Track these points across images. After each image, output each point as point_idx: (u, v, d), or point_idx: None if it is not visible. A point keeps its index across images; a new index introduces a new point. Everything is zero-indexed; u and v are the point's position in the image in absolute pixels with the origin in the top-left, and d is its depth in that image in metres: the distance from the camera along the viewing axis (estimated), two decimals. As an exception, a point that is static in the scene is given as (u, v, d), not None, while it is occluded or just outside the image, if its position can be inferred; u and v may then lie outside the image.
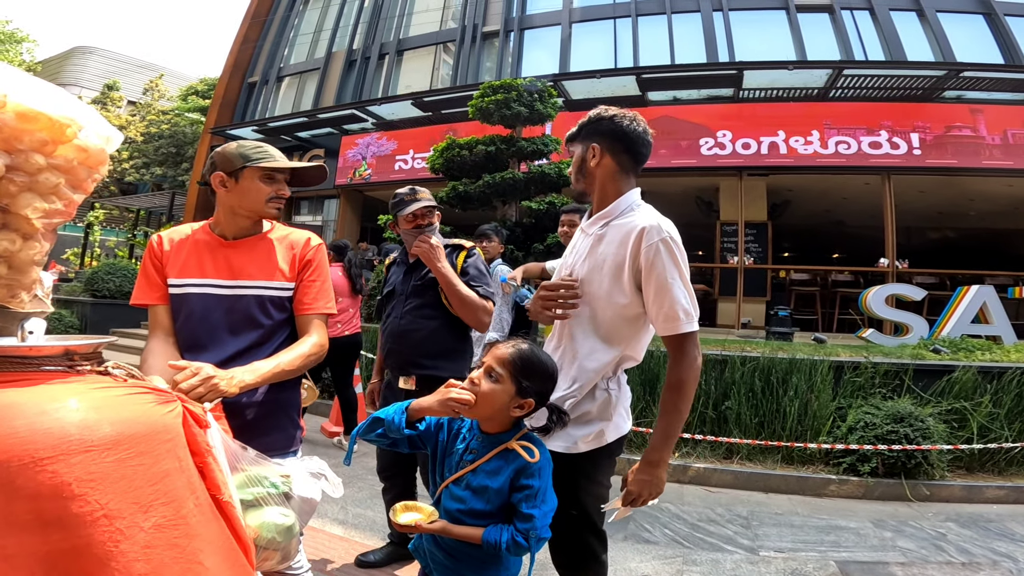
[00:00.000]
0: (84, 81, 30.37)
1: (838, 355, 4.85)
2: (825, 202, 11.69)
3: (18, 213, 0.93)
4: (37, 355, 0.84)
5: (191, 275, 1.54)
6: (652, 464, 1.41)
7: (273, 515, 1.19)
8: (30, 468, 0.74)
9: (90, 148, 1.04)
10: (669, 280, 1.39)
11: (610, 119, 1.54)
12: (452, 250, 2.39)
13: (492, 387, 1.25)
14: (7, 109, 0.89)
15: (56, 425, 0.77)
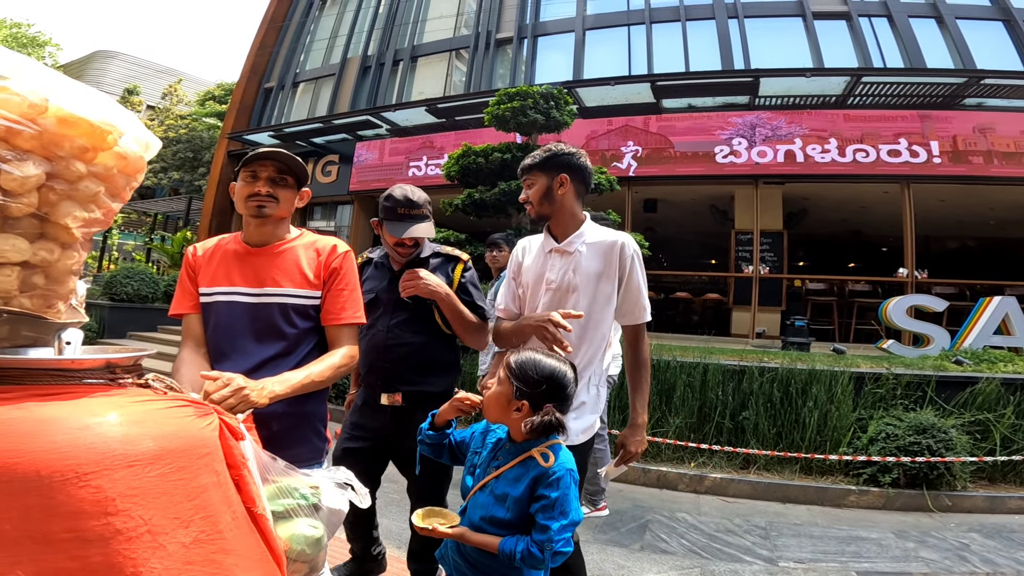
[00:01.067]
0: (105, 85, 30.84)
1: (858, 366, 4.80)
2: (843, 211, 11.57)
3: (57, 222, 0.92)
4: (79, 368, 0.84)
5: (219, 283, 1.54)
6: (640, 426, 1.79)
7: (303, 527, 1.18)
8: (72, 484, 0.74)
9: (129, 155, 1.03)
10: (638, 282, 1.80)
11: (571, 155, 1.83)
12: (445, 260, 2.19)
13: (497, 390, 1.33)
14: (48, 113, 0.88)
15: (99, 440, 0.76)
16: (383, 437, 2.08)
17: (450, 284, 2.11)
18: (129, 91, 27.62)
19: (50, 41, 24.39)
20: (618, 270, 1.77)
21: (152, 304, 10.54)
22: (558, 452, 1.28)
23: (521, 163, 1.90)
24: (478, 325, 2.11)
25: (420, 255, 2.15)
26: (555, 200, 1.81)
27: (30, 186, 0.86)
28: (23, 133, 0.84)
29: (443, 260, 2.18)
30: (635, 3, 12.10)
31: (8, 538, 0.70)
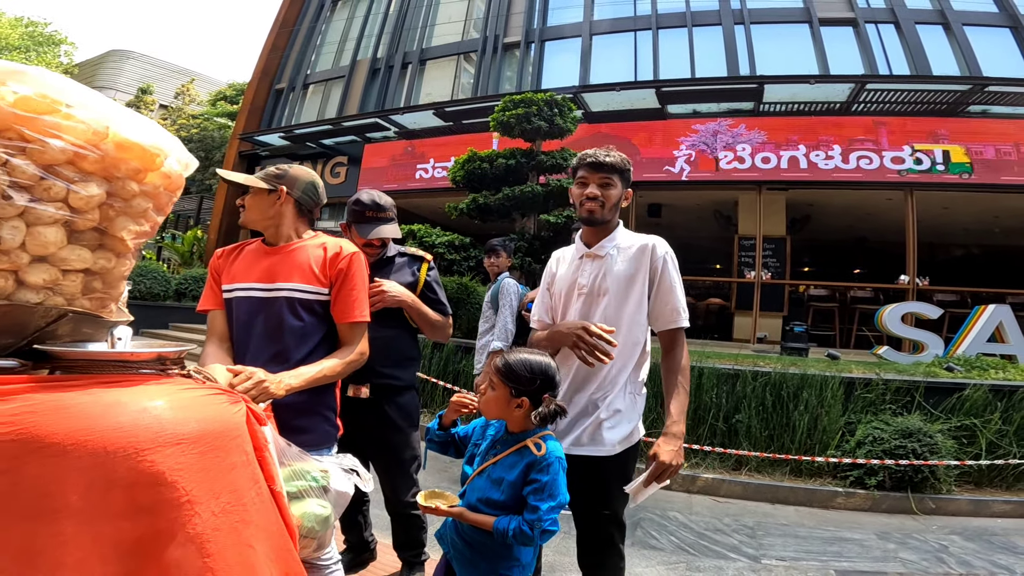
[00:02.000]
0: (120, 84, 30.86)
1: (850, 371, 4.90)
2: (846, 217, 11.63)
3: (114, 235, 1.07)
4: (136, 360, 0.99)
5: (238, 280, 1.67)
6: (677, 436, 1.59)
7: (313, 506, 1.32)
8: (132, 458, 0.87)
9: (172, 174, 1.17)
10: (673, 284, 1.71)
11: (630, 169, 1.82)
12: (411, 260, 2.32)
13: (491, 394, 1.45)
14: (108, 139, 1.01)
15: (155, 421, 0.91)
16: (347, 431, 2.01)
17: (416, 281, 2.25)
18: (143, 90, 27.63)
19: (66, 40, 24.23)
20: (649, 272, 1.71)
21: (164, 302, 10.75)
22: (548, 442, 1.43)
23: (601, 157, 1.75)
24: (442, 322, 2.28)
25: (386, 255, 2.29)
26: (618, 210, 1.81)
27: (94, 204, 1.01)
28: (88, 157, 0.98)
29: (409, 259, 2.33)
30: (642, 9, 12.22)
31: (75, 508, 0.82)
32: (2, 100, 0.91)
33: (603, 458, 1.62)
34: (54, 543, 0.80)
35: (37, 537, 0.80)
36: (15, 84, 0.93)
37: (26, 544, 0.79)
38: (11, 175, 0.90)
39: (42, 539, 0.80)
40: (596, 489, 1.64)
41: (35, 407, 0.85)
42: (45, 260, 0.96)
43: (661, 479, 1.56)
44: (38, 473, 0.82)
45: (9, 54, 20.46)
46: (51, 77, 0.98)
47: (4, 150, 0.90)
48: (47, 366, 1.00)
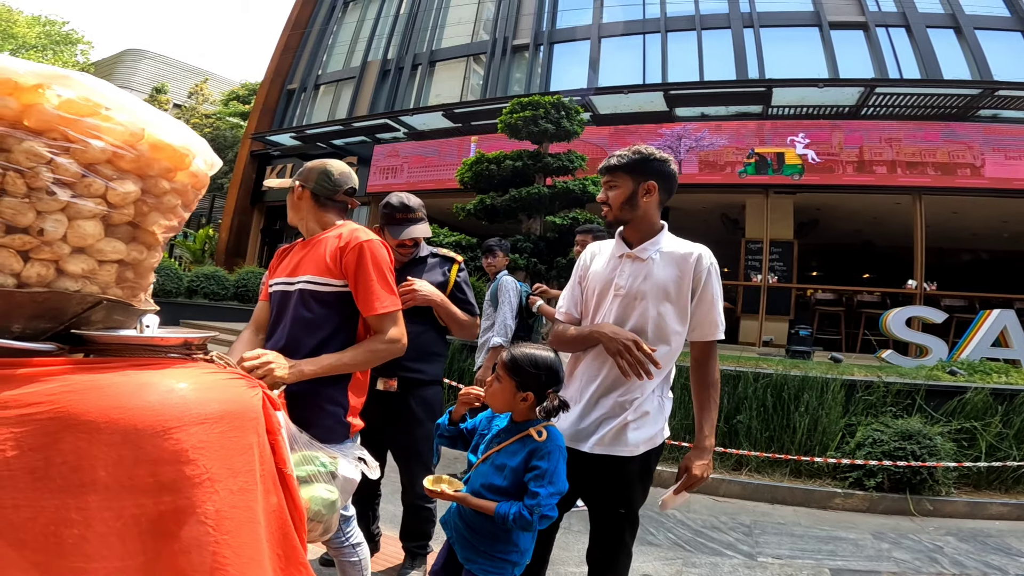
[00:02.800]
0: (135, 84, 31.10)
1: (852, 374, 4.92)
2: (854, 222, 11.61)
3: (146, 229, 1.15)
4: (164, 344, 1.08)
5: (275, 275, 1.75)
6: (708, 450, 1.65)
7: (320, 491, 1.38)
8: (160, 436, 0.93)
9: (199, 173, 1.26)
10: (715, 297, 1.68)
11: (664, 162, 1.73)
12: (442, 260, 2.42)
13: (498, 386, 1.51)
14: (144, 140, 1.08)
15: (180, 401, 0.98)
16: (375, 423, 2.13)
17: (447, 282, 2.36)
18: (157, 90, 27.74)
19: (82, 39, 24.22)
20: (692, 281, 1.66)
21: (176, 299, 10.87)
22: (550, 431, 1.50)
23: (608, 161, 1.75)
24: (469, 322, 2.37)
25: (418, 255, 2.40)
26: (638, 207, 1.71)
27: (129, 200, 1.09)
28: (125, 156, 1.06)
29: (440, 260, 2.43)
30: (651, 12, 12.27)
31: (101, 484, 0.87)
32: (48, 103, 0.98)
33: (626, 458, 1.63)
34: (80, 517, 0.85)
35: (66, 510, 0.85)
36: (60, 87, 1.00)
37: (55, 516, 0.84)
38: (55, 173, 0.98)
39: (70, 512, 0.85)
40: (616, 488, 1.66)
41: (72, 387, 0.92)
42: (84, 251, 1.04)
43: (691, 490, 1.65)
44: (71, 448, 0.87)
45: (27, 53, 20.44)
46: (92, 81, 1.05)
47: (49, 149, 0.98)
48: (83, 350, 1.07)
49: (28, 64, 0.98)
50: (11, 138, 0.95)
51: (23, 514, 0.83)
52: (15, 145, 0.95)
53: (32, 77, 0.97)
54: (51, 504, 0.85)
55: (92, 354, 1.08)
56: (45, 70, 0.99)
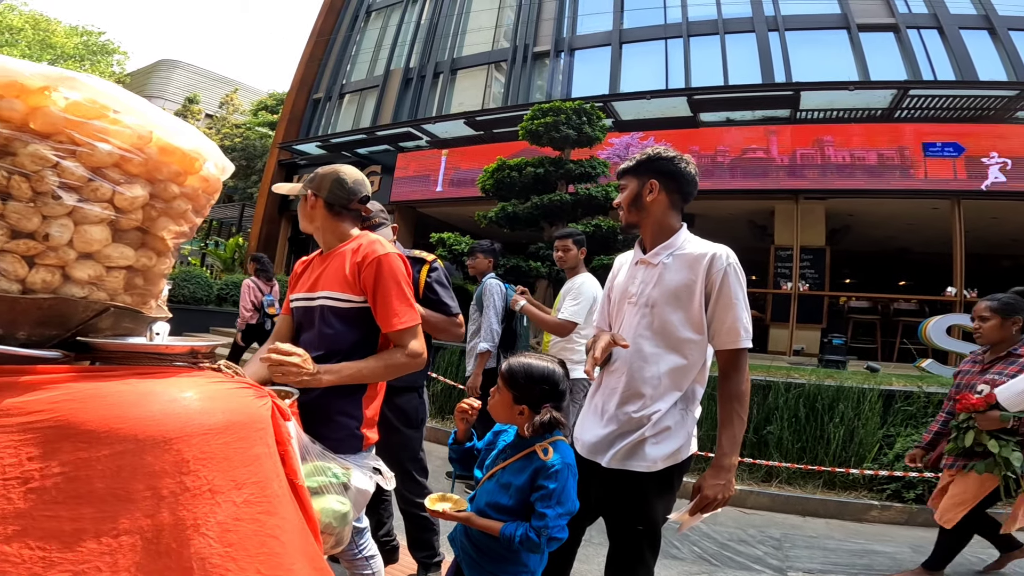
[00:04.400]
0: (168, 94, 31.99)
1: (890, 384, 4.75)
2: (889, 228, 11.23)
3: (156, 234, 1.13)
4: (170, 352, 1.05)
5: (295, 291, 1.74)
6: (726, 469, 1.51)
7: (332, 502, 1.34)
8: (160, 446, 0.90)
9: (210, 178, 1.23)
10: (734, 300, 1.54)
11: (669, 159, 1.66)
12: (412, 263, 2.29)
13: (498, 398, 1.47)
14: (152, 144, 1.06)
15: (183, 411, 0.95)
16: None
17: (417, 284, 2.28)
18: (190, 100, 28.37)
19: (118, 49, 24.41)
20: (704, 284, 1.56)
21: (206, 307, 11.07)
22: (558, 448, 1.42)
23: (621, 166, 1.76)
24: (445, 321, 2.30)
25: None
26: (643, 207, 1.67)
27: (137, 205, 1.07)
28: (133, 160, 1.04)
29: (410, 263, 2.29)
30: (672, 17, 12.12)
31: (98, 495, 0.84)
32: (54, 105, 0.96)
33: (643, 473, 1.55)
34: (72, 528, 0.81)
35: (58, 522, 0.81)
36: (66, 90, 0.98)
37: (51, 528, 0.80)
38: (61, 176, 0.96)
39: (64, 523, 0.81)
40: (633, 504, 1.58)
41: (74, 395, 0.89)
42: (91, 257, 1.02)
43: (706, 511, 1.51)
44: (70, 458, 0.84)
45: (65, 63, 20.90)
46: (100, 83, 1.03)
47: (55, 153, 0.96)
48: (88, 357, 1.06)
49: (34, 65, 0.96)
50: (17, 141, 0.93)
51: (10, 527, 0.79)
52: (20, 148, 0.93)
53: (38, 79, 0.95)
54: (47, 515, 0.81)
55: (98, 361, 1.06)
56: (52, 72, 0.97)
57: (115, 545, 0.84)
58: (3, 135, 0.93)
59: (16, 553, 0.79)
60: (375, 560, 1.70)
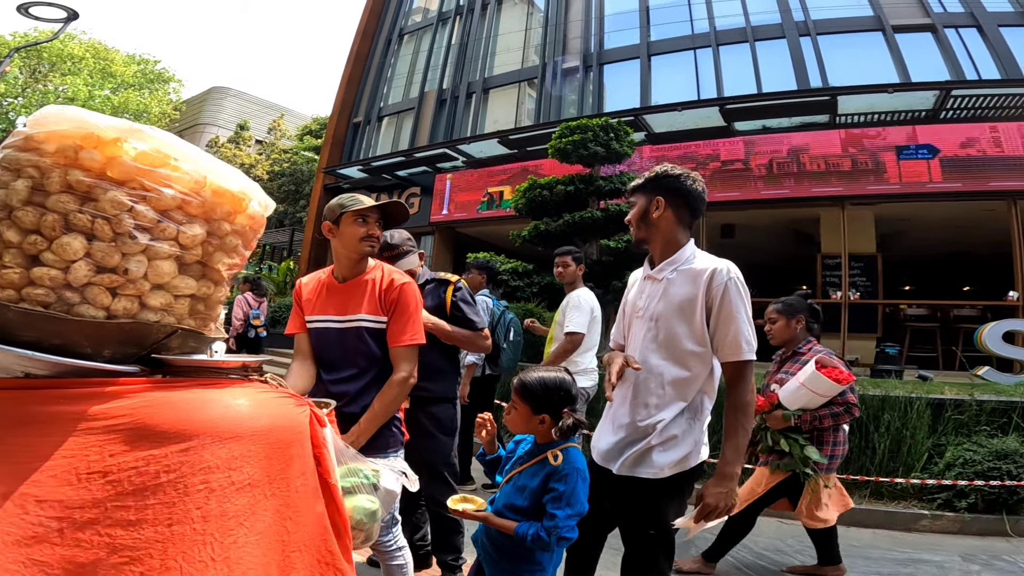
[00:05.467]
0: (222, 121, 32.76)
1: (942, 392, 4.62)
2: (945, 231, 10.74)
3: (213, 267, 1.31)
4: (226, 367, 1.23)
5: (317, 313, 1.95)
6: (727, 477, 1.55)
7: (363, 501, 1.48)
8: (216, 444, 1.06)
9: (256, 215, 1.40)
10: (735, 313, 1.58)
11: (675, 177, 1.72)
12: (438, 284, 2.58)
13: (515, 413, 1.59)
14: (207, 187, 1.23)
15: (235, 415, 1.12)
16: None
17: (442, 304, 2.49)
18: (241, 127, 28.93)
19: (173, 77, 24.89)
20: (705, 298, 1.61)
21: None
22: (568, 453, 1.53)
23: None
24: (470, 336, 2.50)
25: (418, 283, 2.51)
26: (652, 224, 1.73)
27: (198, 241, 1.24)
28: (192, 203, 1.20)
29: (436, 284, 2.58)
30: (699, 27, 12.08)
31: (161, 487, 0.98)
32: (126, 155, 1.12)
33: (652, 480, 1.62)
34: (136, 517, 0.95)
35: (127, 511, 0.95)
36: (135, 141, 1.14)
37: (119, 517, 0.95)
38: (135, 219, 1.12)
39: (131, 512, 0.95)
40: (642, 509, 1.65)
41: (149, 402, 1.07)
42: (162, 287, 1.20)
43: (709, 519, 1.55)
44: (143, 455, 1.00)
45: (126, 91, 21.61)
46: (160, 133, 1.20)
47: (130, 198, 1.12)
48: (160, 371, 1.24)
49: (106, 118, 1.12)
50: (98, 188, 1.09)
51: (87, 514, 0.95)
52: (101, 195, 1.09)
53: (112, 131, 1.11)
54: (113, 505, 0.96)
55: (168, 375, 1.23)
56: (122, 124, 1.13)
57: (167, 534, 0.97)
58: (87, 183, 1.09)
59: (88, 539, 0.93)
60: (406, 551, 1.89)
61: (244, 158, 26.00)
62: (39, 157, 1.09)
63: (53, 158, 1.09)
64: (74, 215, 1.07)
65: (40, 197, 1.08)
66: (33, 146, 1.10)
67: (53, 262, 1.06)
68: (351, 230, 1.90)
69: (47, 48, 18.78)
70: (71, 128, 1.10)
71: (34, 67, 20.16)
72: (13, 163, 1.10)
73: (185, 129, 32.45)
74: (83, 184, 1.08)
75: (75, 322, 1.07)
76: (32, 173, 1.09)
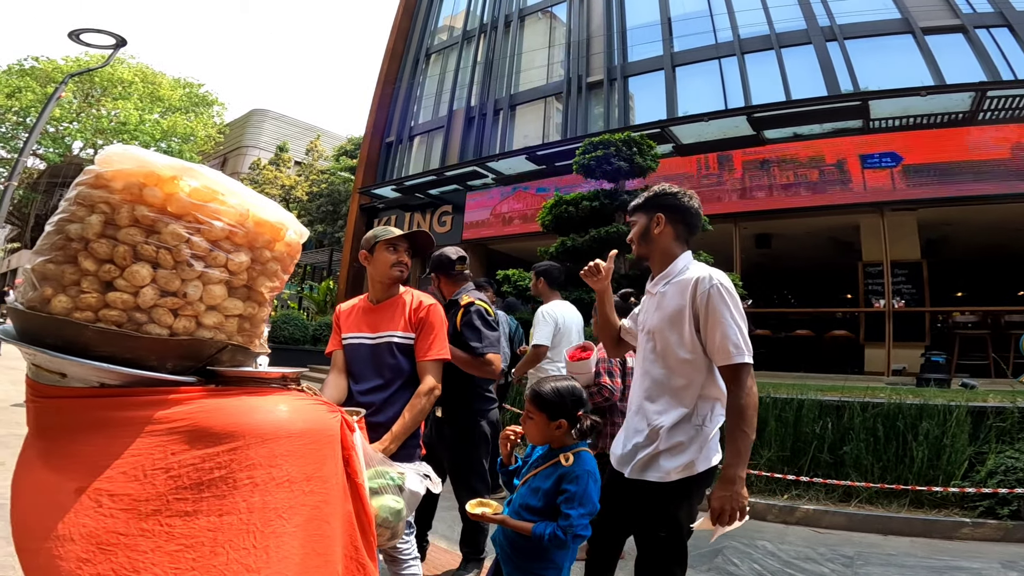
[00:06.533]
0: (262, 143, 33.03)
1: (984, 400, 4.52)
2: (993, 234, 10.31)
3: (257, 290, 1.48)
4: (268, 377, 1.38)
5: (352, 331, 2.16)
6: (729, 480, 1.57)
7: (388, 500, 1.61)
8: (260, 444, 1.22)
9: (292, 243, 1.56)
10: (720, 319, 1.63)
11: (673, 195, 1.83)
12: (447, 306, 2.67)
13: (531, 423, 1.70)
14: (250, 219, 1.38)
15: (275, 418, 1.27)
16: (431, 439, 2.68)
17: (454, 327, 2.59)
18: (281, 148, 29.21)
19: (217, 100, 25.58)
20: (692, 306, 1.67)
21: (303, 346, 11.97)
22: (580, 456, 1.64)
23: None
24: (471, 361, 2.55)
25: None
26: (652, 240, 1.82)
27: (244, 268, 1.41)
28: (238, 233, 1.36)
29: (448, 306, 2.71)
30: (723, 36, 11.98)
31: (214, 481, 1.14)
32: (182, 192, 1.28)
33: (659, 484, 1.67)
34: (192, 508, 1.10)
35: (185, 503, 1.11)
36: (189, 179, 1.30)
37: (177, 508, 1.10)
38: (192, 249, 1.28)
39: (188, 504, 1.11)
40: (652, 512, 1.72)
41: (204, 408, 1.23)
42: (215, 308, 1.37)
43: (721, 521, 1.56)
44: (198, 453, 1.16)
45: (174, 115, 22.37)
46: (208, 171, 1.34)
47: (187, 230, 1.27)
48: (213, 381, 1.41)
49: (163, 158, 1.27)
50: (160, 222, 1.25)
51: (151, 506, 1.11)
52: (163, 228, 1.25)
53: (169, 170, 1.27)
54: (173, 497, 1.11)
55: (219, 384, 1.40)
56: (176, 163, 1.29)
57: (219, 523, 1.12)
58: (151, 217, 1.25)
59: (150, 528, 1.09)
60: (418, 562, 2.02)
61: (284, 180, 26.64)
62: (109, 194, 1.25)
63: (121, 195, 1.25)
64: (141, 246, 1.25)
65: (111, 230, 1.24)
66: (103, 183, 1.26)
67: (124, 287, 1.24)
68: (383, 257, 2.15)
69: (98, 73, 19.47)
70: (134, 167, 1.26)
71: (87, 92, 20.99)
72: (87, 199, 1.26)
73: (230, 151, 33.29)
74: (148, 218, 1.26)
75: (144, 339, 1.25)
76: (104, 209, 1.25)
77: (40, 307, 1.22)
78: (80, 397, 1.22)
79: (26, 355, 1.25)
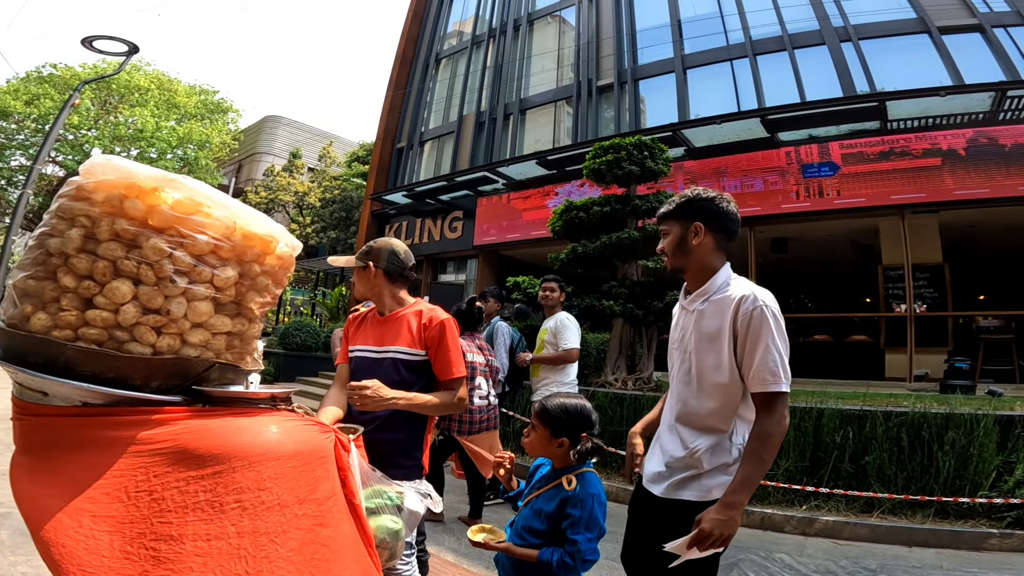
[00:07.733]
0: (275, 149, 33.02)
1: (1012, 409, 4.37)
2: (1018, 236, 10.02)
3: (246, 305, 1.43)
4: (256, 397, 1.33)
5: (358, 343, 2.08)
6: (729, 506, 1.44)
7: (387, 521, 1.55)
8: (247, 467, 1.18)
9: (284, 256, 1.51)
10: (761, 343, 1.51)
11: (710, 200, 1.65)
12: None
13: (534, 435, 1.64)
14: (237, 232, 1.33)
15: (263, 440, 1.22)
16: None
17: None
18: (294, 155, 29.40)
19: (231, 107, 25.18)
20: (732, 328, 1.55)
21: (315, 353, 11.92)
22: (584, 478, 1.56)
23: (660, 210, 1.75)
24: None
25: None
26: (689, 251, 1.66)
27: (231, 283, 1.36)
28: (224, 247, 1.30)
29: None
30: (734, 37, 11.79)
31: (199, 505, 1.10)
32: (164, 204, 1.22)
33: (694, 503, 1.56)
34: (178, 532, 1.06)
35: (170, 526, 1.07)
36: (171, 190, 1.24)
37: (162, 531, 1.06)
38: (174, 264, 1.23)
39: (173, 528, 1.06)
40: (683, 531, 1.55)
41: (190, 428, 1.19)
42: (201, 326, 1.32)
43: (702, 547, 1.42)
44: (182, 476, 1.11)
45: (189, 122, 22.30)
46: (192, 183, 1.28)
47: (169, 244, 1.22)
48: (200, 401, 1.36)
49: (146, 168, 1.22)
50: (142, 236, 1.20)
51: (134, 529, 1.06)
52: (144, 242, 1.19)
53: (150, 181, 1.21)
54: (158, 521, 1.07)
55: (207, 404, 1.35)
56: (158, 173, 1.23)
57: (207, 548, 1.08)
58: (131, 231, 1.19)
59: (135, 551, 1.04)
60: None
61: (298, 186, 26.86)
62: (89, 206, 1.21)
63: (102, 207, 1.20)
64: (121, 261, 1.20)
65: (91, 244, 1.19)
66: (84, 195, 1.21)
67: (104, 304, 1.19)
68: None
69: (115, 80, 19.57)
70: (116, 178, 1.21)
71: (104, 99, 21.04)
72: (67, 212, 1.21)
73: (245, 158, 33.59)
74: (128, 232, 1.20)
75: (125, 358, 1.20)
76: (84, 222, 1.21)
77: (20, 325, 1.18)
78: (63, 416, 1.18)
79: (9, 372, 1.22)
